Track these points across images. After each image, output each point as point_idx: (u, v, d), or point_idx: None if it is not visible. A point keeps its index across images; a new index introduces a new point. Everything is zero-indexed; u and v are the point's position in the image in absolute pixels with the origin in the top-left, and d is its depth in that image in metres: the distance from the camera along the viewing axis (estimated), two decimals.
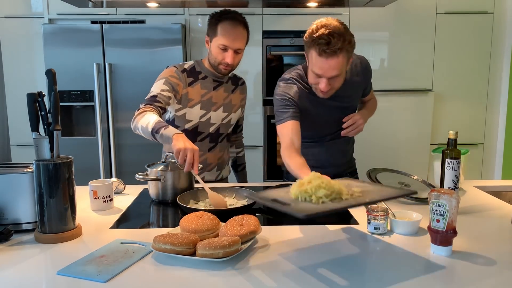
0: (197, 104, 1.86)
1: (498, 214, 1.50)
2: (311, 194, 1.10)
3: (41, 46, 3.23)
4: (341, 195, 1.12)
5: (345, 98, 1.81)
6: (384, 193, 1.17)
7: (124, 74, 3.14)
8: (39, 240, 1.26)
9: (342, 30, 1.57)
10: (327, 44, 1.54)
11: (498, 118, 3.52)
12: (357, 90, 1.87)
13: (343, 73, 1.65)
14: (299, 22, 3.35)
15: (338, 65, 1.59)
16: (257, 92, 3.42)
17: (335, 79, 1.63)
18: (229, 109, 1.95)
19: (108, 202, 1.55)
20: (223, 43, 1.78)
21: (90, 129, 3.30)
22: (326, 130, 1.88)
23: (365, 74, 1.86)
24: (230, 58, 1.80)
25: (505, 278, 1.03)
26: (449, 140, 1.48)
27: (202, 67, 1.90)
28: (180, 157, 1.53)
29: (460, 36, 3.40)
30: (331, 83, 1.64)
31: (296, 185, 1.15)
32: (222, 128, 1.95)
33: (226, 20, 1.79)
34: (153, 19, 3.30)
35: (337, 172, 1.92)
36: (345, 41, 1.56)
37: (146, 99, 1.76)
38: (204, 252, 1.09)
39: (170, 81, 1.81)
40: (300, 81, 1.76)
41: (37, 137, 1.27)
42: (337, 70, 1.60)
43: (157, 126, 1.60)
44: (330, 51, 1.55)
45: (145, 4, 1.91)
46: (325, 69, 1.59)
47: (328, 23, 1.58)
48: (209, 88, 1.89)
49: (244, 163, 2.22)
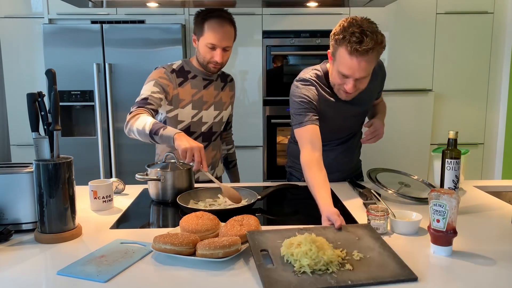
0: (188, 104, 1.85)
1: (498, 214, 1.49)
2: (295, 259, 1.04)
3: (41, 46, 3.23)
4: (329, 266, 1.03)
5: (361, 102, 1.76)
6: (381, 273, 1.02)
7: (124, 74, 3.14)
8: (39, 240, 1.26)
9: (375, 29, 1.50)
10: (359, 42, 1.46)
11: (498, 118, 3.52)
12: (373, 94, 1.82)
13: (370, 75, 1.59)
14: (299, 22, 3.35)
15: (368, 66, 1.53)
16: (257, 92, 3.42)
17: (361, 80, 1.58)
18: (220, 107, 1.95)
19: (108, 202, 1.55)
20: (211, 42, 1.77)
21: (90, 129, 3.30)
22: (337, 135, 1.85)
23: (381, 77, 1.82)
24: (219, 57, 1.79)
25: (505, 278, 1.03)
26: (449, 140, 1.48)
27: (191, 66, 1.89)
28: (187, 156, 1.53)
29: (460, 36, 3.40)
30: (357, 84, 1.58)
31: (286, 244, 1.10)
32: (215, 126, 1.95)
33: (212, 19, 1.77)
34: (153, 19, 3.29)
35: (342, 177, 1.90)
36: (378, 41, 1.49)
37: (137, 101, 1.74)
38: (204, 252, 1.09)
39: (160, 82, 1.79)
40: (319, 83, 1.68)
41: (37, 137, 1.27)
42: (366, 72, 1.54)
43: (155, 128, 1.60)
44: (362, 50, 1.47)
45: (145, 4, 1.91)
46: (354, 69, 1.52)
47: (360, 22, 1.50)
48: (199, 87, 1.88)
49: (235, 160, 2.22)
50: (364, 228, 1.25)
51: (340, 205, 1.59)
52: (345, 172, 1.92)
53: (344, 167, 1.91)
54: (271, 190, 1.68)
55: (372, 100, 1.85)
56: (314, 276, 1.01)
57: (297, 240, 1.10)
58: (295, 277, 1.01)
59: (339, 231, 1.24)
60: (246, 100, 3.44)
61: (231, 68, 3.35)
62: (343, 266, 1.05)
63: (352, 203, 1.60)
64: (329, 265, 1.04)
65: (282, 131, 3.51)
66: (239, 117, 3.35)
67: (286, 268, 1.05)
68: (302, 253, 1.05)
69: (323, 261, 1.03)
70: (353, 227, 1.27)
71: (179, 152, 1.55)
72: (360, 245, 1.17)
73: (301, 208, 1.63)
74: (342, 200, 1.64)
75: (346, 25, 1.52)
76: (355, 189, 1.74)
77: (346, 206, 1.58)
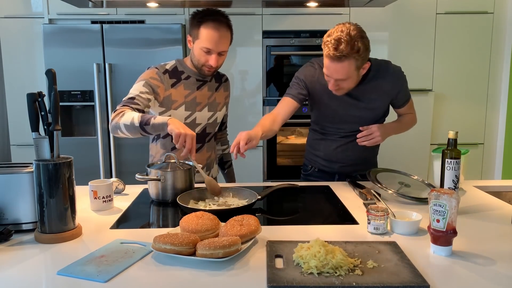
0: (181, 105, 1.83)
1: (498, 214, 1.49)
2: (304, 261, 1.05)
3: (41, 46, 3.23)
4: (338, 270, 1.03)
5: (365, 98, 1.83)
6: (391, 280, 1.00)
7: (124, 74, 3.14)
8: (39, 240, 1.26)
9: (354, 37, 1.59)
10: (334, 49, 1.59)
11: (498, 118, 3.52)
12: (383, 95, 1.85)
13: (351, 78, 1.69)
14: (299, 22, 3.35)
15: (344, 70, 1.63)
16: (257, 92, 3.42)
17: (342, 81, 1.69)
18: (214, 108, 1.92)
19: (108, 202, 1.55)
20: (207, 47, 1.74)
21: (90, 129, 3.30)
22: (340, 125, 1.91)
23: (394, 81, 1.85)
24: (214, 61, 1.76)
25: (505, 278, 1.03)
26: (449, 140, 1.48)
27: (185, 66, 1.86)
28: (179, 141, 1.54)
29: (460, 36, 3.40)
30: (340, 83, 1.71)
31: (297, 249, 1.11)
32: (209, 127, 1.93)
33: (209, 22, 1.73)
34: (153, 19, 3.29)
35: (343, 171, 1.96)
36: (353, 49, 1.59)
37: (124, 100, 1.73)
38: (204, 252, 1.09)
39: (150, 83, 1.77)
40: (321, 67, 1.78)
41: (37, 137, 1.27)
42: (343, 75, 1.65)
43: (145, 118, 1.59)
44: (335, 56, 1.60)
45: (145, 4, 1.91)
46: (331, 71, 1.67)
47: (343, 28, 1.62)
48: (192, 88, 1.85)
49: (230, 160, 2.20)
50: (387, 244, 1.21)
51: (340, 205, 1.59)
52: (347, 166, 1.96)
53: (345, 159, 1.95)
54: (271, 190, 1.68)
55: (383, 99, 1.87)
56: (320, 277, 1.01)
57: (307, 244, 1.11)
58: (301, 276, 1.02)
59: None
60: (246, 100, 3.44)
61: (231, 68, 3.35)
62: (353, 272, 1.04)
63: (352, 203, 1.60)
64: (338, 269, 1.03)
65: (282, 131, 3.51)
66: (239, 117, 3.36)
67: (295, 269, 1.06)
68: (310, 255, 1.06)
69: (331, 264, 1.03)
70: (376, 243, 1.22)
71: (173, 136, 1.55)
72: (378, 256, 1.13)
73: (301, 208, 1.63)
74: (342, 200, 1.64)
75: (332, 30, 1.64)
76: (355, 189, 1.74)
77: (346, 206, 1.58)
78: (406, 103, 1.93)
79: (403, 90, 1.89)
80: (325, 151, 1.97)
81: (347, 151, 1.93)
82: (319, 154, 2.00)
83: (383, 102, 1.87)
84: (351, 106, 1.85)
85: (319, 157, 2.00)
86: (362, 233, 1.32)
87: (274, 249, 1.17)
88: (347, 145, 1.92)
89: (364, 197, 1.61)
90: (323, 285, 0.98)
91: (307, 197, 1.74)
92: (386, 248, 1.18)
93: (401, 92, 1.88)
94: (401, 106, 1.94)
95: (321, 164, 2.00)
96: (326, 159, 1.97)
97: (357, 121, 1.87)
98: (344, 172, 1.97)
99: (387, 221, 1.31)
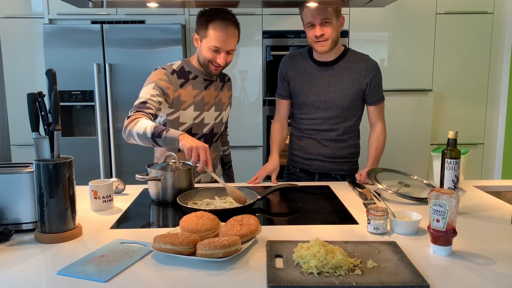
0: (190, 105, 1.83)
1: (498, 214, 1.50)
2: (304, 261, 1.06)
3: (41, 46, 3.23)
4: (337, 270, 1.03)
5: (338, 81, 1.94)
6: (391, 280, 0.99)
7: (124, 74, 3.15)
8: (39, 240, 1.26)
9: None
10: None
11: (498, 118, 3.52)
12: (355, 81, 1.93)
13: (333, 25, 1.85)
14: (299, 22, 3.31)
15: (323, 9, 1.81)
16: (257, 92, 3.42)
17: (327, 25, 1.84)
18: (220, 108, 1.93)
19: (108, 202, 1.55)
20: (215, 45, 1.74)
21: (90, 129, 3.30)
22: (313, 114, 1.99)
23: (368, 69, 1.93)
24: (222, 60, 1.77)
25: (505, 278, 1.03)
26: (449, 140, 1.48)
27: (191, 66, 1.86)
28: (193, 155, 1.53)
29: (460, 36, 3.40)
30: (323, 29, 1.85)
31: (297, 249, 1.12)
32: (216, 127, 1.94)
33: (217, 21, 1.74)
34: (153, 19, 3.30)
35: (322, 170, 2.03)
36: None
37: (136, 105, 1.71)
38: (204, 252, 1.09)
39: (160, 84, 1.75)
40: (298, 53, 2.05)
41: (37, 137, 1.27)
42: (325, 14, 1.82)
43: (158, 130, 1.59)
44: (312, 3, 1.75)
45: (145, 4, 1.90)
46: (314, 14, 1.84)
47: None
48: (200, 88, 1.85)
49: (230, 161, 2.21)
50: (387, 244, 1.21)
51: (340, 205, 1.59)
52: (324, 162, 2.02)
53: (320, 157, 2.02)
54: (271, 190, 1.68)
55: (351, 88, 1.93)
56: (319, 277, 1.01)
57: (307, 244, 1.11)
58: (301, 276, 1.02)
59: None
60: (246, 100, 3.44)
61: (231, 68, 3.35)
62: (352, 271, 1.04)
63: (352, 203, 1.60)
64: (338, 269, 1.04)
65: None
66: (239, 117, 3.36)
67: (295, 269, 1.06)
68: (310, 255, 1.06)
69: (331, 264, 1.03)
70: (376, 243, 1.22)
71: (185, 151, 1.54)
72: (378, 256, 1.13)
73: (301, 208, 1.63)
74: (342, 200, 1.64)
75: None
76: (355, 189, 1.75)
77: (346, 206, 1.58)
78: (379, 102, 1.99)
79: (376, 82, 1.95)
80: (303, 150, 2.05)
81: (322, 147, 2.00)
82: (298, 153, 2.07)
83: (353, 90, 1.93)
84: (323, 90, 1.95)
85: (297, 156, 2.08)
86: (362, 233, 1.32)
87: (274, 249, 1.17)
88: (324, 142, 2.00)
89: (364, 197, 1.61)
90: (323, 285, 0.98)
91: (307, 197, 1.74)
92: (386, 248, 1.19)
93: (373, 83, 1.94)
94: (373, 103, 1.99)
95: (300, 163, 2.08)
96: (304, 157, 2.04)
97: (328, 107, 1.95)
98: (323, 171, 2.03)
99: (387, 221, 1.31)
